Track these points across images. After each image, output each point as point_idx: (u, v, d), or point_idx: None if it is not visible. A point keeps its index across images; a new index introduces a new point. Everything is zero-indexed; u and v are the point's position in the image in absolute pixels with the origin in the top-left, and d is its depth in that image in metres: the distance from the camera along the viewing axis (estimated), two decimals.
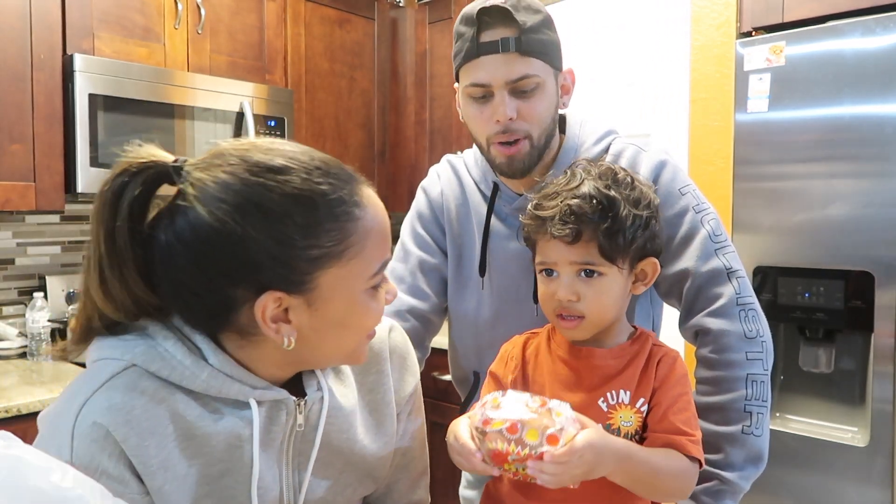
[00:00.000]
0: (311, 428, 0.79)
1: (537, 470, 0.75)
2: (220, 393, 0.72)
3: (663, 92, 2.28)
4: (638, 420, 0.89)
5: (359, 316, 0.74)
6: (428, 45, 2.82)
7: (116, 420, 0.67)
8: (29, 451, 0.60)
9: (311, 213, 0.68)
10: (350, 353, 0.78)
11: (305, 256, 0.68)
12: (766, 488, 1.80)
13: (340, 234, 0.70)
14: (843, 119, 1.73)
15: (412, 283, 1.24)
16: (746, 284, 1.06)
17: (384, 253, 0.75)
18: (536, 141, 1.09)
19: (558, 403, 0.78)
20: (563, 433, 0.75)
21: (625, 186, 0.91)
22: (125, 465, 0.68)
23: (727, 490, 0.99)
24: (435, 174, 1.30)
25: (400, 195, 2.92)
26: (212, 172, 0.69)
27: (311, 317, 0.71)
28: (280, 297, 0.69)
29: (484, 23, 1.05)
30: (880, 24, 1.66)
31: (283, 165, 0.69)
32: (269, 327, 0.69)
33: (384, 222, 0.75)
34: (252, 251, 0.67)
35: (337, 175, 0.71)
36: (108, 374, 0.70)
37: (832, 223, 1.75)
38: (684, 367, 0.93)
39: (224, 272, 0.68)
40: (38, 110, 1.90)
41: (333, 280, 0.70)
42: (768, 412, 1.02)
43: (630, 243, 0.89)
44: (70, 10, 1.95)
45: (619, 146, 1.14)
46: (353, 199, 0.71)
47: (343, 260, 0.70)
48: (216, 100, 2.23)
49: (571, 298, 0.89)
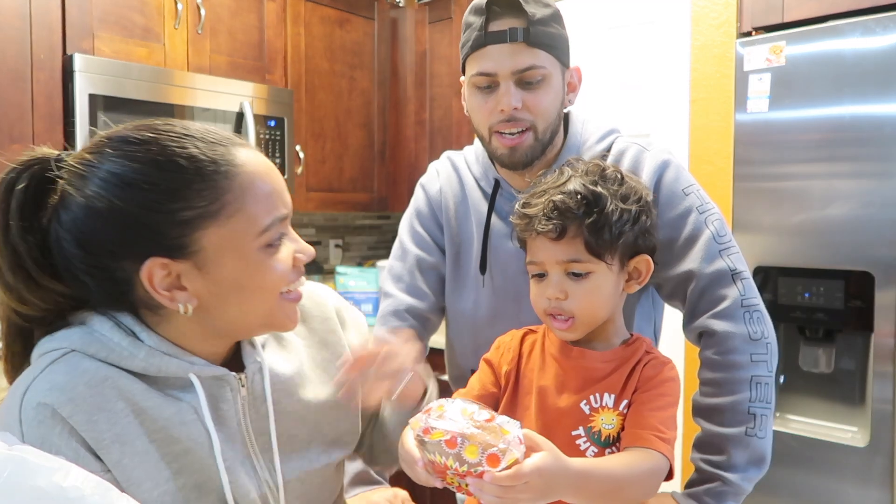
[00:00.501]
0: (260, 401, 0.80)
1: (477, 489, 0.70)
2: (160, 371, 0.73)
3: (663, 92, 2.28)
4: (620, 422, 0.88)
5: (257, 275, 0.73)
6: (428, 45, 2.81)
7: (60, 399, 0.68)
8: (31, 452, 0.60)
9: (175, 176, 0.69)
10: (267, 316, 0.77)
11: (178, 219, 0.69)
12: (767, 488, 1.80)
13: (213, 192, 0.70)
14: (843, 119, 1.73)
15: (410, 281, 1.23)
16: (751, 285, 1.05)
17: (273, 210, 0.74)
18: (541, 134, 1.08)
19: (507, 420, 0.72)
20: (507, 454, 0.69)
21: (612, 182, 0.90)
22: (78, 442, 0.68)
23: (729, 491, 0.99)
24: (434, 171, 1.29)
25: (400, 195, 2.92)
26: (80, 156, 0.72)
27: (205, 281, 0.72)
28: (166, 264, 0.70)
29: (493, 12, 1.05)
30: (880, 24, 1.66)
31: (145, 137, 0.71)
32: (162, 295, 0.71)
33: (267, 179, 0.74)
34: (123, 223, 0.69)
35: (206, 139, 0.72)
36: (47, 361, 0.71)
37: (832, 223, 1.75)
38: (673, 375, 0.91)
39: (106, 249, 0.70)
40: (38, 110, 1.90)
41: (217, 240, 0.71)
42: (772, 414, 1.02)
43: (617, 238, 0.88)
44: (70, 10, 1.94)
45: (622, 145, 1.14)
46: (226, 159, 0.72)
47: (221, 219, 0.71)
48: (216, 100, 2.23)
49: (559, 296, 0.89)
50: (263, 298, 0.75)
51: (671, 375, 0.91)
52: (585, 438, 0.89)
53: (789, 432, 1.82)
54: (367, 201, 2.87)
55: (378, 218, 3.32)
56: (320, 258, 3.06)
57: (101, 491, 0.61)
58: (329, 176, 2.71)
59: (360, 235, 3.25)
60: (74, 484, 0.59)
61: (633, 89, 2.36)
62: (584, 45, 2.42)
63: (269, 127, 2.39)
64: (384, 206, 2.94)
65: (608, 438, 0.88)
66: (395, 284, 1.25)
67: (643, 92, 2.33)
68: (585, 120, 1.19)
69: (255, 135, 2.31)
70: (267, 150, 2.39)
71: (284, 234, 0.76)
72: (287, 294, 0.77)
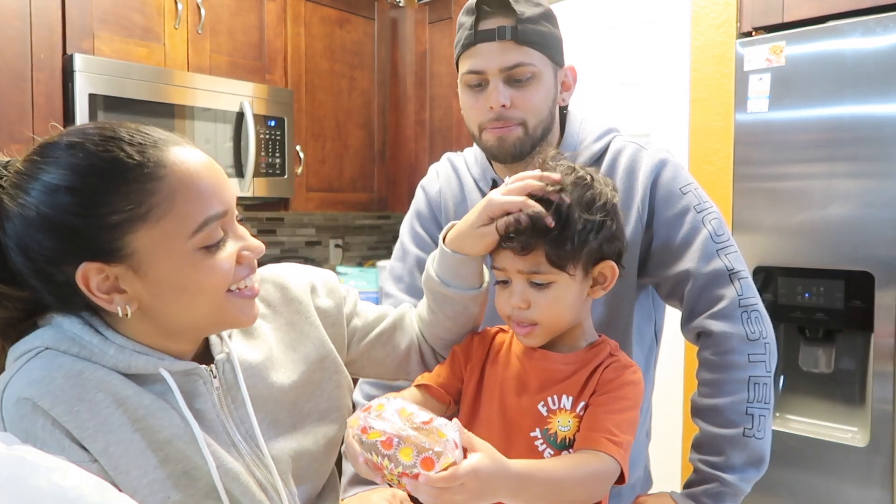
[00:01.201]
0: (234, 390, 0.81)
1: (412, 489, 0.70)
2: (130, 368, 0.73)
3: (663, 92, 2.28)
4: (576, 424, 0.88)
5: (195, 276, 0.73)
6: (428, 45, 2.82)
7: (39, 391, 0.69)
8: (31, 452, 0.60)
9: (100, 181, 0.69)
10: (216, 314, 0.76)
11: (105, 224, 0.69)
12: (767, 488, 1.79)
13: (140, 195, 0.70)
14: (843, 119, 1.73)
15: (410, 282, 1.24)
16: (749, 285, 1.05)
17: (206, 209, 0.72)
18: (532, 130, 1.09)
19: (444, 423, 0.72)
20: (441, 458, 0.69)
21: (580, 187, 0.89)
22: (62, 433, 0.69)
23: (727, 492, 0.99)
24: (434, 172, 1.30)
25: (400, 195, 2.92)
26: (14, 165, 0.72)
27: (143, 283, 0.72)
28: (101, 268, 0.70)
29: (483, 12, 1.07)
30: (880, 24, 1.66)
31: (71, 142, 0.71)
32: (100, 298, 0.71)
33: (199, 178, 0.73)
34: (53, 230, 0.69)
35: (133, 141, 0.72)
36: (22, 361, 0.72)
37: (832, 223, 1.75)
38: (634, 379, 0.90)
39: (44, 256, 0.71)
40: (38, 110, 1.90)
41: (149, 242, 0.71)
42: (771, 414, 1.01)
43: (579, 249, 0.87)
44: (70, 10, 1.94)
45: (619, 144, 1.14)
46: (154, 160, 0.71)
47: (150, 221, 0.70)
48: (216, 100, 2.23)
49: (521, 306, 0.89)
50: (207, 298, 0.74)
51: (632, 379, 0.90)
52: (542, 440, 0.89)
53: (789, 432, 1.82)
54: (367, 201, 2.87)
55: (378, 218, 3.32)
56: (320, 258, 3.06)
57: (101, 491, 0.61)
58: (329, 176, 2.71)
59: (360, 235, 3.26)
60: (74, 483, 0.59)
61: (633, 89, 2.36)
62: (585, 45, 2.42)
63: (269, 127, 2.39)
64: (384, 207, 2.94)
65: (564, 440, 0.88)
66: (395, 285, 1.25)
67: (643, 92, 2.33)
68: (584, 119, 1.19)
69: (255, 135, 2.31)
70: (267, 150, 2.39)
71: (227, 232, 0.75)
72: (238, 292, 0.77)
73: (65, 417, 0.69)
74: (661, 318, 1.23)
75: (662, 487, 1.10)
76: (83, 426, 0.69)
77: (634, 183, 1.10)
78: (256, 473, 0.80)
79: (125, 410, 0.72)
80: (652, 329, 1.20)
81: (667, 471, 2.14)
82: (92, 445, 0.70)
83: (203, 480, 0.75)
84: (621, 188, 1.10)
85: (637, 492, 1.20)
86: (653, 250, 1.10)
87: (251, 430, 0.81)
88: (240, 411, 0.81)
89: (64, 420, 0.69)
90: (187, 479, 0.74)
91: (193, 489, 0.74)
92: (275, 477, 0.81)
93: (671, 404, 2.13)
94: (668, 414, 2.11)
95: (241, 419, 0.81)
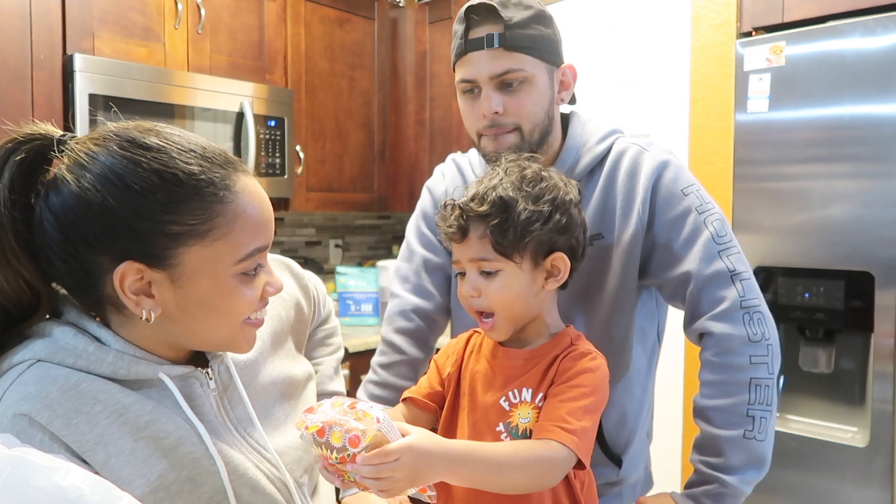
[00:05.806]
0: (231, 389, 0.82)
1: (355, 473, 0.73)
2: (129, 374, 0.73)
3: (663, 92, 2.28)
4: (535, 415, 0.90)
5: (226, 300, 0.74)
6: (428, 45, 2.82)
7: (36, 406, 0.68)
8: (31, 452, 0.60)
9: (174, 190, 0.70)
10: (227, 338, 0.78)
11: (165, 231, 0.70)
12: (767, 488, 1.80)
13: (206, 213, 0.71)
14: (843, 119, 1.73)
15: (417, 282, 1.24)
16: (752, 286, 1.05)
17: (256, 240, 0.75)
18: (528, 135, 1.09)
19: (369, 406, 0.76)
20: (366, 434, 0.72)
21: (528, 182, 0.93)
22: (62, 447, 0.68)
23: (727, 493, 0.99)
24: (440, 173, 1.31)
25: (400, 195, 2.92)
26: (86, 145, 0.72)
27: (175, 294, 0.72)
28: (140, 269, 0.71)
29: (472, 20, 1.07)
30: (880, 24, 1.66)
31: (154, 144, 0.71)
32: (129, 298, 0.71)
33: (259, 211, 0.75)
34: (111, 221, 0.69)
35: (212, 159, 0.73)
36: (14, 374, 0.71)
37: (832, 223, 1.75)
38: (592, 366, 0.91)
39: (87, 241, 0.70)
40: (38, 110, 1.90)
41: (197, 259, 0.72)
42: (773, 416, 1.01)
43: (522, 237, 0.90)
44: (70, 10, 1.94)
45: (622, 145, 1.14)
46: (225, 183, 0.72)
47: (207, 240, 0.71)
48: (216, 100, 2.23)
49: (473, 294, 0.93)
50: (227, 322, 0.76)
51: (588, 366, 0.91)
52: (506, 433, 0.92)
53: (789, 432, 1.82)
54: (367, 201, 2.87)
55: (378, 218, 3.32)
56: (320, 258, 3.06)
57: (102, 490, 0.61)
58: (329, 176, 2.71)
59: (359, 235, 3.26)
60: (74, 483, 0.59)
61: (633, 89, 2.36)
62: (585, 46, 2.42)
63: (269, 127, 2.39)
64: (384, 207, 2.94)
65: (525, 432, 0.90)
66: (401, 285, 1.27)
67: (643, 92, 2.33)
68: (587, 120, 1.19)
69: (255, 135, 2.31)
70: (267, 150, 2.39)
71: (261, 265, 0.78)
72: (249, 320, 0.79)
73: (63, 431, 0.68)
74: (663, 320, 1.23)
75: (663, 487, 1.10)
76: (82, 439, 0.69)
77: (636, 184, 1.09)
78: (263, 468, 0.80)
79: (126, 420, 0.71)
80: (655, 330, 1.20)
81: (667, 471, 2.14)
82: (92, 458, 0.69)
83: (208, 485, 0.75)
84: (623, 190, 1.10)
85: (638, 492, 1.21)
86: (654, 252, 1.10)
87: (250, 428, 0.82)
88: (237, 410, 0.82)
89: (62, 434, 0.68)
90: (192, 483, 0.74)
91: (197, 493, 0.74)
92: (282, 470, 0.81)
93: (671, 404, 2.14)
94: (668, 414, 2.11)
95: (239, 418, 0.81)
